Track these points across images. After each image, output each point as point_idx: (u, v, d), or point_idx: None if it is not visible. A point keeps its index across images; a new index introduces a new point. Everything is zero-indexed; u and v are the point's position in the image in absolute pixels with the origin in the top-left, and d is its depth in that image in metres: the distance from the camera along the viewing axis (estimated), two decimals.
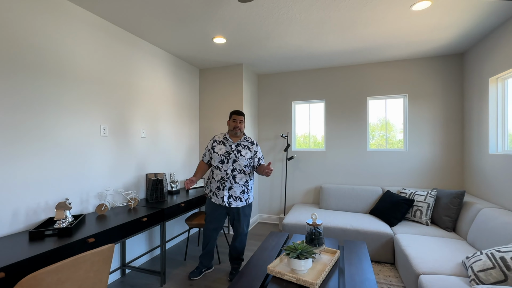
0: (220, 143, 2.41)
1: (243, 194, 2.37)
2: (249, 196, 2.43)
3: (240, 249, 2.47)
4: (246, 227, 2.46)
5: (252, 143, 2.44)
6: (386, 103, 3.67)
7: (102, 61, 2.36)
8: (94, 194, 2.28)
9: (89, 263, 1.26)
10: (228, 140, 2.40)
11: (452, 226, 2.64)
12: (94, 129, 2.28)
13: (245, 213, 2.42)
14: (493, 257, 1.58)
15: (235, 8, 2.20)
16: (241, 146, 2.38)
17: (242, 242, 2.46)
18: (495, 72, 2.57)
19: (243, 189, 2.37)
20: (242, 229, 2.43)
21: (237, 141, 2.40)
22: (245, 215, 2.42)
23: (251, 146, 2.41)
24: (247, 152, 2.37)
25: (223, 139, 2.43)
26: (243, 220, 2.42)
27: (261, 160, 2.43)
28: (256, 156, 2.40)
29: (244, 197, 2.38)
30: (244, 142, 2.41)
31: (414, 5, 2.13)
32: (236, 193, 2.35)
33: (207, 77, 3.87)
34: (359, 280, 1.58)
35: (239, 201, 2.36)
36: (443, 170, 3.36)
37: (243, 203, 2.38)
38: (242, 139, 2.42)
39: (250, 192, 2.44)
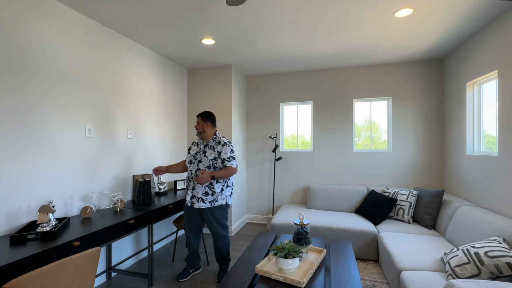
0: (195, 144, 2.46)
1: (207, 195, 2.31)
2: (216, 199, 2.33)
3: (222, 250, 2.42)
4: (222, 229, 2.39)
5: (219, 143, 2.35)
6: (371, 105, 3.78)
7: (88, 60, 2.31)
8: (79, 196, 2.23)
9: (75, 267, 1.24)
10: (200, 141, 2.44)
11: (432, 224, 2.76)
12: (79, 129, 2.23)
13: (214, 215, 2.34)
14: (468, 253, 1.67)
15: (223, 10, 2.21)
16: (208, 146, 2.36)
17: (222, 243, 2.40)
18: (472, 77, 2.71)
19: (206, 191, 2.31)
20: (216, 231, 2.37)
21: (206, 142, 2.39)
22: (214, 218, 2.35)
23: (216, 146, 2.35)
24: (211, 153, 2.32)
25: (198, 140, 2.47)
26: (214, 222, 2.35)
27: (227, 161, 2.32)
28: (220, 157, 2.32)
29: (208, 199, 2.31)
30: (211, 143, 2.38)
31: (397, 12, 2.22)
32: (199, 193, 2.32)
33: (196, 77, 3.86)
34: (344, 278, 1.63)
35: (202, 202, 2.31)
36: (424, 170, 3.50)
37: (206, 204, 2.31)
38: (210, 140, 2.39)
39: (217, 194, 2.33)
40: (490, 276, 1.53)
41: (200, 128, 2.38)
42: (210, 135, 2.41)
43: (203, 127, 2.38)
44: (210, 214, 2.33)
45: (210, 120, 2.41)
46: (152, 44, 2.93)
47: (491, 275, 1.52)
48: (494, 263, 1.53)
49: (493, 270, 1.52)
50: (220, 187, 2.35)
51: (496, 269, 1.51)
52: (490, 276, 1.52)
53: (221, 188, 2.35)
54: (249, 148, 4.29)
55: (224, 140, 2.36)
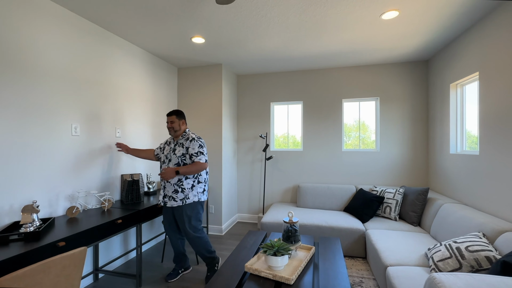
0: (168, 144, 2.43)
1: (177, 193, 2.26)
2: (187, 196, 2.27)
3: (201, 250, 2.35)
4: (192, 230, 2.31)
5: (187, 139, 2.31)
6: (359, 105, 3.85)
7: (74, 57, 2.26)
8: (65, 196, 2.18)
9: (59, 268, 1.21)
10: (171, 141, 2.42)
11: (417, 221, 2.84)
12: (64, 128, 2.18)
13: (186, 213, 2.28)
14: (450, 248, 1.73)
15: (213, 9, 2.21)
16: (177, 144, 2.34)
17: (198, 245, 2.33)
18: (455, 78, 2.80)
19: (176, 189, 2.26)
20: (186, 232, 2.30)
21: (177, 140, 2.37)
22: (186, 216, 2.28)
23: (185, 142, 2.31)
24: (180, 149, 2.29)
25: (171, 139, 2.43)
26: (185, 221, 2.28)
27: (195, 156, 2.25)
28: (188, 152, 2.27)
29: (179, 197, 2.26)
30: (180, 140, 2.34)
31: (384, 14, 2.27)
32: (169, 192, 2.28)
33: (186, 76, 3.83)
34: (332, 274, 1.66)
35: (173, 201, 2.27)
36: (410, 168, 3.59)
37: (178, 202, 2.26)
38: (180, 137, 2.36)
39: (188, 191, 2.27)
40: (470, 270, 1.59)
41: (176, 126, 2.34)
42: (181, 133, 2.38)
43: (179, 125, 2.36)
44: (181, 213, 2.28)
45: (184, 117, 2.40)
46: (142, 42, 2.89)
47: (471, 268, 1.58)
48: (474, 257, 1.59)
49: (473, 264, 1.58)
50: (190, 184, 2.29)
51: (476, 263, 1.57)
52: (471, 269, 1.58)
53: (191, 184, 2.29)
54: (239, 148, 4.29)
55: (192, 136, 2.32)
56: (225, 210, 3.79)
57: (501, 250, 1.65)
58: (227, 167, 3.83)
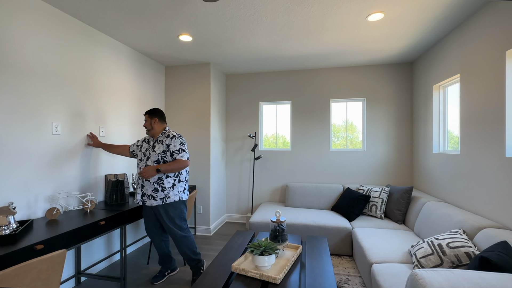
0: (146, 142, 2.36)
1: (157, 192, 2.19)
2: (168, 195, 2.21)
3: (186, 251, 2.30)
4: (178, 229, 2.27)
5: (167, 136, 2.26)
6: (347, 105, 3.91)
7: (55, 54, 2.18)
8: (44, 197, 2.09)
9: (36, 272, 1.16)
10: (150, 139, 2.36)
11: (402, 219, 2.91)
12: (44, 126, 2.09)
13: (168, 214, 2.24)
14: (432, 245, 1.78)
15: (200, 7, 2.18)
16: (157, 142, 2.27)
17: (183, 245, 2.28)
18: (438, 80, 2.89)
19: (156, 187, 2.19)
20: (173, 232, 2.26)
21: (155, 138, 2.31)
22: (168, 217, 2.24)
23: (165, 139, 2.25)
24: (160, 146, 2.23)
25: (148, 138, 2.37)
26: (169, 222, 2.24)
27: (176, 154, 2.20)
28: (169, 150, 2.21)
29: (159, 196, 2.19)
30: (160, 137, 2.29)
31: (369, 16, 2.31)
32: (148, 191, 2.21)
33: (173, 74, 3.77)
34: (318, 273, 1.68)
35: (153, 200, 2.20)
36: (395, 168, 3.68)
37: (157, 201, 2.20)
38: (159, 135, 2.31)
39: (168, 190, 2.22)
40: (451, 265, 1.63)
41: (147, 125, 2.30)
42: (158, 131, 2.32)
43: (151, 124, 2.30)
44: (164, 213, 2.23)
45: (157, 116, 2.32)
46: (127, 40, 2.82)
47: (452, 264, 1.63)
48: (455, 253, 1.64)
49: (454, 259, 1.63)
50: (171, 182, 2.23)
51: (456, 259, 1.62)
52: (451, 265, 1.63)
53: (172, 183, 2.24)
54: (228, 147, 4.26)
55: (173, 133, 2.28)
56: (213, 210, 3.76)
57: (479, 246, 1.70)
58: (215, 167, 3.80)
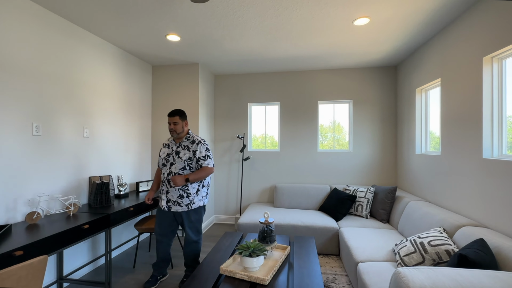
0: (165, 146, 2.31)
1: (182, 198, 2.19)
2: (193, 201, 2.22)
3: (190, 255, 2.32)
4: (194, 234, 2.29)
5: (193, 142, 2.23)
6: (334, 107, 3.98)
7: (37, 52, 2.10)
8: (24, 201, 2.01)
9: (15, 279, 1.12)
10: (172, 142, 2.30)
11: (387, 218, 2.99)
12: (24, 127, 2.01)
13: (189, 219, 2.25)
14: (415, 243, 1.84)
15: (188, 7, 2.16)
16: (181, 147, 2.23)
17: (192, 249, 2.31)
18: (420, 83, 2.99)
19: (181, 194, 2.19)
20: (188, 235, 2.27)
21: (179, 142, 2.26)
22: (190, 221, 2.25)
23: (191, 145, 2.22)
24: (186, 153, 2.20)
25: (169, 142, 2.31)
26: (189, 226, 2.25)
27: (202, 160, 2.21)
28: (195, 156, 2.20)
29: (184, 202, 2.20)
30: (184, 142, 2.24)
31: (356, 21, 2.36)
32: (173, 197, 2.20)
33: (161, 74, 3.71)
34: (306, 273, 1.70)
35: (178, 206, 2.20)
36: (380, 168, 3.78)
37: (183, 208, 2.20)
38: (184, 139, 2.26)
39: (193, 196, 2.23)
40: (432, 263, 1.70)
41: (179, 128, 2.22)
42: (184, 134, 2.28)
43: (183, 127, 2.24)
44: (186, 218, 2.23)
45: (186, 117, 2.28)
46: (113, 38, 2.76)
47: (433, 261, 1.70)
48: (436, 251, 1.70)
49: (435, 257, 1.69)
50: (195, 188, 2.24)
51: (437, 256, 1.69)
52: (432, 262, 1.70)
53: (196, 188, 2.24)
54: (217, 148, 4.24)
55: (198, 139, 2.25)
56: None
57: (459, 244, 1.78)
58: None
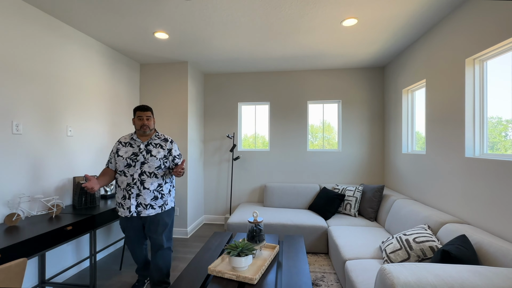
0: (126, 145, 2.06)
1: (156, 200, 2.02)
2: (166, 201, 2.08)
3: (162, 268, 2.08)
4: (167, 240, 2.10)
5: (166, 140, 2.12)
6: (323, 107, 4.02)
7: (16, 47, 2.02)
8: (3, 202, 1.93)
9: None
10: (136, 140, 2.06)
11: (374, 216, 3.04)
12: (3, 125, 1.93)
13: (163, 221, 2.05)
14: (401, 240, 1.88)
15: (176, 4, 2.13)
16: (151, 145, 2.06)
17: (164, 258, 2.07)
18: (406, 84, 3.06)
19: (155, 195, 2.02)
20: (160, 242, 2.06)
21: (147, 140, 2.07)
22: (163, 224, 2.05)
23: (164, 144, 2.09)
24: (159, 151, 2.05)
25: (130, 140, 2.08)
26: (161, 230, 2.05)
27: (177, 159, 2.13)
28: (171, 154, 2.10)
29: (158, 203, 2.03)
30: (155, 140, 2.09)
31: (344, 21, 2.39)
32: (146, 200, 1.98)
33: (149, 72, 3.65)
34: (295, 271, 1.70)
35: (151, 209, 2.00)
36: (368, 167, 3.84)
37: (156, 210, 2.02)
38: (153, 137, 2.10)
39: (167, 197, 2.09)
40: (417, 259, 1.74)
41: (152, 124, 2.08)
42: (153, 132, 2.15)
43: (154, 123, 2.13)
44: (160, 221, 2.05)
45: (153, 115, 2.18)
46: (98, 34, 2.69)
47: (417, 258, 1.73)
48: (420, 247, 1.74)
49: (420, 253, 1.73)
50: (168, 188, 2.12)
51: (422, 253, 1.72)
52: (417, 259, 1.73)
53: (169, 189, 2.13)
54: (206, 148, 4.21)
55: (170, 138, 2.19)
56: (191, 212, 3.69)
57: (442, 240, 1.83)
58: (193, 168, 3.73)
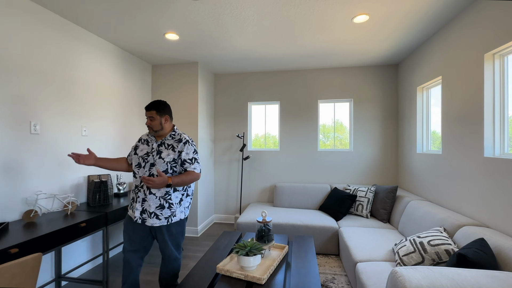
0: (143, 142, 1.86)
1: (162, 209, 1.74)
2: (174, 212, 1.78)
3: (170, 273, 1.89)
4: (177, 250, 1.86)
5: (180, 140, 1.82)
6: (334, 106, 3.95)
7: (33, 50, 2.10)
8: (21, 199, 2.01)
9: (8, 276, 1.11)
10: (152, 139, 1.85)
11: (387, 218, 2.96)
12: (22, 126, 2.01)
13: (171, 234, 1.80)
14: (414, 243, 1.81)
15: (186, 5, 2.15)
16: (164, 145, 1.80)
17: (172, 266, 1.87)
18: (421, 82, 2.96)
19: (161, 203, 1.75)
20: (170, 253, 1.82)
21: (161, 140, 1.83)
22: (171, 238, 1.80)
23: (177, 144, 1.80)
24: (169, 153, 1.78)
25: (148, 137, 1.88)
26: (169, 243, 1.80)
27: (188, 163, 1.79)
28: (180, 157, 1.79)
29: (164, 214, 1.75)
30: (168, 141, 1.82)
31: (355, 18, 2.34)
32: (151, 207, 1.73)
33: (161, 73, 3.71)
34: (303, 272, 1.68)
35: (156, 219, 1.74)
36: (381, 167, 3.74)
37: (161, 221, 1.74)
38: (167, 137, 1.83)
39: (175, 207, 1.79)
40: (431, 263, 1.67)
41: (156, 125, 1.79)
42: (168, 131, 1.87)
43: (161, 124, 1.81)
44: (166, 232, 1.79)
45: (168, 112, 1.85)
46: (111, 37, 2.76)
47: (432, 261, 1.67)
48: (435, 250, 1.68)
49: (434, 257, 1.67)
50: (178, 197, 1.82)
51: (437, 256, 1.66)
52: (432, 262, 1.67)
53: (180, 198, 1.82)
54: (216, 147, 4.23)
55: (186, 138, 1.84)
56: (201, 211, 3.72)
57: (459, 244, 1.75)
58: (203, 167, 3.77)
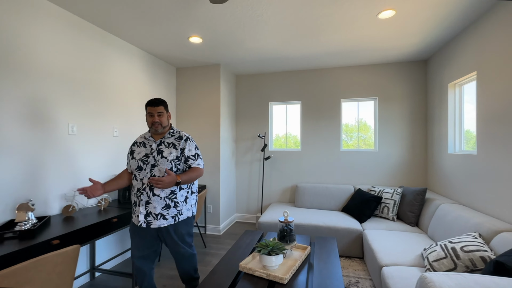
0: (140, 145, 1.81)
1: (168, 209, 1.72)
2: (181, 211, 1.77)
3: (189, 269, 1.90)
4: (188, 247, 1.84)
5: (181, 138, 1.80)
6: (358, 105, 3.84)
7: (70, 57, 2.27)
8: (61, 194, 2.19)
9: (52, 265, 1.22)
10: (149, 140, 1.81)
11: (415, 221, 2.83)
12: (61, 127, 2.18)
13: (179, 234, 1.78)
14: (446, 248, 1.72)
15: (209, 9, 2.21)
16: (164, 144, 1.77)
17: (188, 263, 1.87)
18: (453, 78, 2.79)
19: (167, 203, 1.72)
20: (181, 252, 1.80)
21: (160, 139, 1.79)
22: (179, 237, 1.78)
23: (178, 142, 1.78)
24: (172, 151, 1.74)
25: (143, 139, 1.83)
26: (179, 241, 1.78)
27: (192, 160, 1.78)
28: (183, 154, 1.77)
29: (171, 213, 1.73)
30: (168, 139, 1.79)
31: (380, 13, 2.26)
32: (156, 209, 1.70)
33: (184, 76, 3.84)
34: (326, 274, 1.66)
35: (162, 219, 1.71)
36: (409, 168, 3.58)
37: (168, 221, 1.72)
38: (167, 135, 1.80)
39: (181, 205, 1.77)
40: (465, 270, 1.58)
41: (165, 121, 1.79)
42: (168, 129, 1.85)
43: (168, 119, 1.82)
44: (174, 232, 1.77)
45: (168, 109, 1.86)
46: (139, 42, 2.90)
47: (466, 268, 1.57)
48: (469, 257, 1.58)
49: (468, 264, 1.57)
50: (184, 195, 1.80)
51: (471, 263, 1.56)
52: (465, 269, 1.57)
53: (185, 196, 1.81)
54: (238, 148, 4.29)
55: (186, 135, 1.84)
56: (223, 209, 3.79)
57: (496, 250, 1.64)
58: (225, 167, 3.84)
